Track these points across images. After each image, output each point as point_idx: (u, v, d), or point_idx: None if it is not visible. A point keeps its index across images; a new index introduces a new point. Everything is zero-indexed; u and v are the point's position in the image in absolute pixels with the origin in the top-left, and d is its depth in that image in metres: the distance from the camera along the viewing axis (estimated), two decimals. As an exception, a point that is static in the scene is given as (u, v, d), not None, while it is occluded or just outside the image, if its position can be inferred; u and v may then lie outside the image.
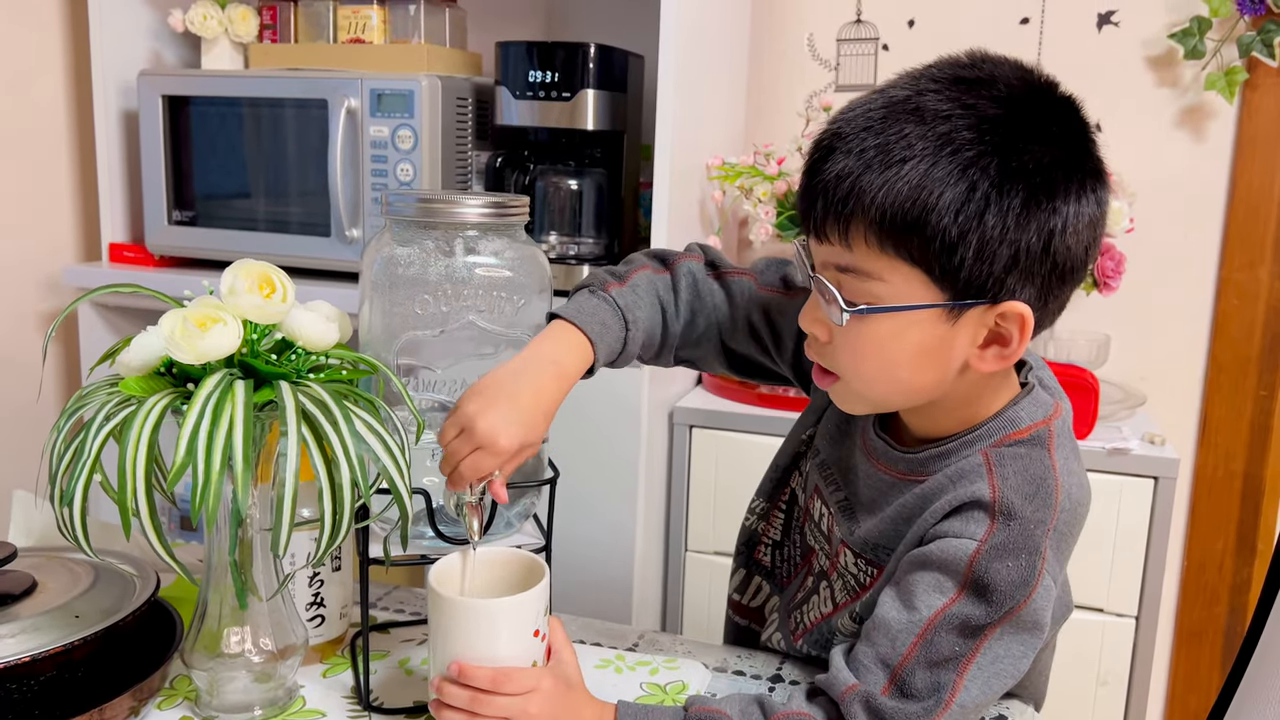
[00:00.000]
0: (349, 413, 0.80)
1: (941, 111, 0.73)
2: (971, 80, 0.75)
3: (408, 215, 0.89)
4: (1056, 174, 0.73)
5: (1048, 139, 0.74)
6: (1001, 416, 0.82)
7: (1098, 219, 0.77)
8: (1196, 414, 1.81)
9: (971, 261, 0.72)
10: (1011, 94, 0.75)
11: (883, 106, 0.75)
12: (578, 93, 1.59)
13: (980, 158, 0.71)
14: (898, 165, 0.72)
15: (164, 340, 0.77)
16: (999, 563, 0.76)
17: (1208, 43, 1.69)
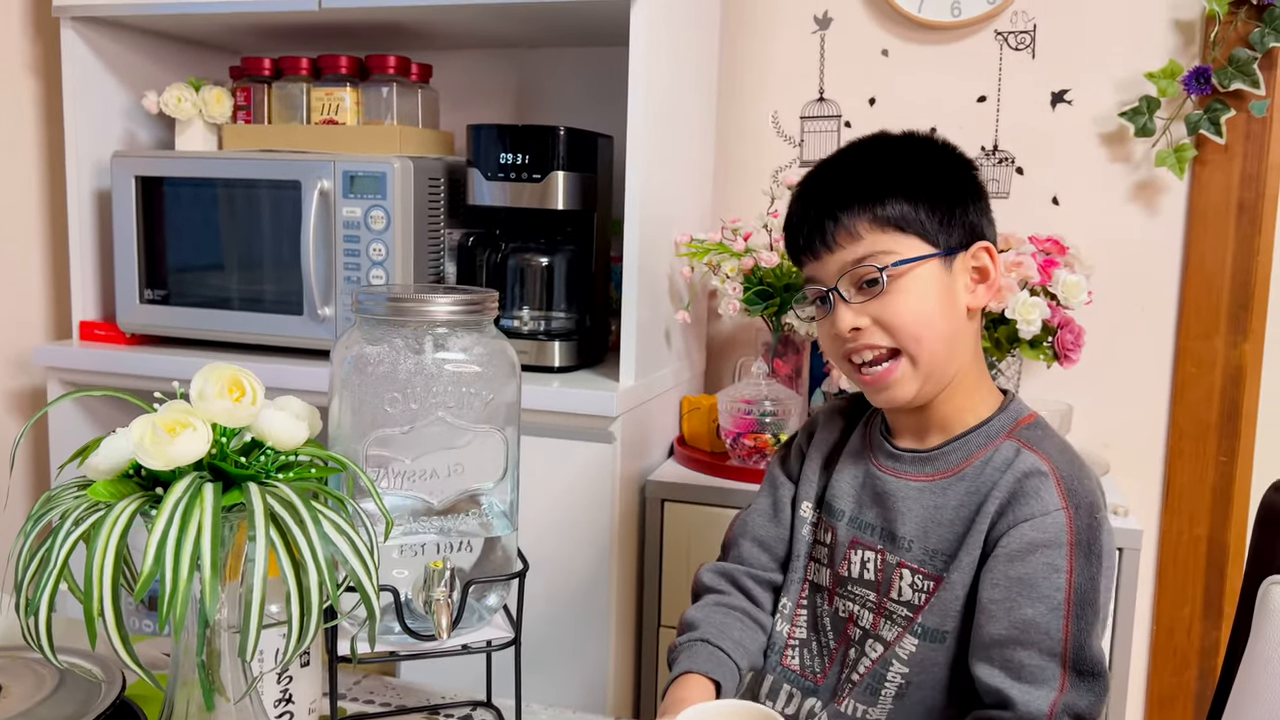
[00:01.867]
0: (317, 514, 0.80)
1: (886, 142, 1.03)
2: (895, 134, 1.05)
3: (378, 314, 0.90)
4: (964, 159, 1.03)
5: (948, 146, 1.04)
6: (1005, 412, 1.00)
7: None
8: (1160, 480, 1.84)
9: (944, 213, 0.96)
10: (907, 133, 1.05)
11: (840, 152, 1.04)
12: (548, 174, 1.62)
13: (926, 152, 1.01)
14: (876, 168, 0.98)
15: (133, 447, 0.78)
16: (1083, 520, 0.91)
17: (1157, 121, 1.75)
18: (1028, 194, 1.86)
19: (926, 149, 1.03)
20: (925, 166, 0.99)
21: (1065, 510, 0.91)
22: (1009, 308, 1.59)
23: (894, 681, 0.95)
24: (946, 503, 0.96)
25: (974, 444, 0.97)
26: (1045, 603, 0.89)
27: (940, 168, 1.00)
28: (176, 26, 1.89)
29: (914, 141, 1.04)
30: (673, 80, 1.67)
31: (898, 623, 0.97)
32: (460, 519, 0.93)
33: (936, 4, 1.85)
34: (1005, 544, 0.90)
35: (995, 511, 0.92)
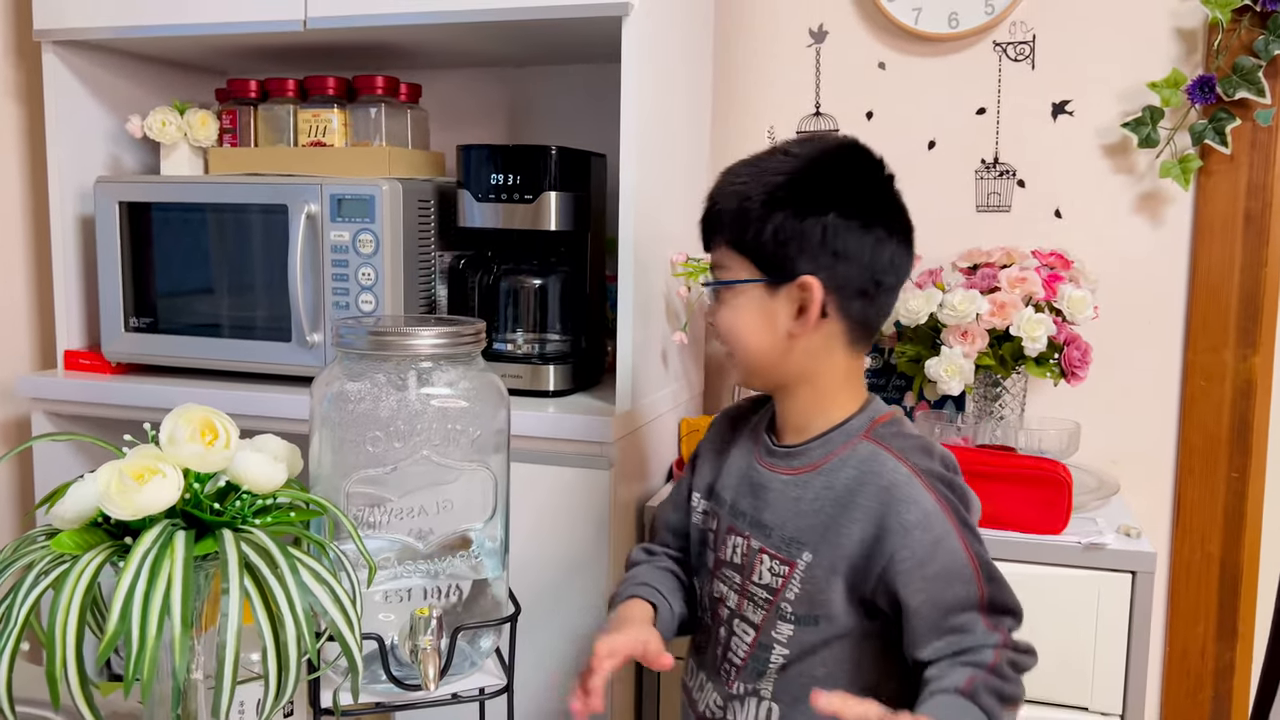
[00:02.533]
0: (295, 562, 0.76)
1: (766, 163, 1.07)
2: (800, 143, 1.10)
3: (359, 348, 0.87)
4: (834, 196, 1.04)
5: (834, 180, 1.06)
6: (863, 412, 1.08)
7: (880, 240, 1.05)
8: (1170, 498, 1.80)
9: (773, 250, 1.03)
10: (819, 151, 1.08)
11: (753, 158, 1.10)
12: (540, 194, 1.59)
13: (780, 184, 1.04)
14: (734, 192, 1.07)
15: (99, 495, 0.74)
16: (952, 499, 1.01)
17: (1161, 131, 1.72)
18: (1029, 207, 1.83)
19: (796, 182, 1.04)
20: (780, 199, 1.04)
21: (937, 500, 1.01)
22: (1013, 324, 1.56)
23: (775, 663, 1.07)
24: (805, 495, 1.05)
25: (835, 442, 1.06)
26: (961, 581, 1.00)
27: (793, 204, 1.03)
28: (160, 49, 1.86)
29: (797, 170, 1.05)
30: (666, 96, 1.63)
31: (760, 605, 1.07)
32: (449, 561, 0.89)
33: (933, 15, 1.81)
34: (909, 554, 0.99)
35: (868, 519, 1.01)
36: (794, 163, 1.06)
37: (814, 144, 1.09)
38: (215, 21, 1.65)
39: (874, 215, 1.06)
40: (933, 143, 1.86)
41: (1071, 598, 1.43)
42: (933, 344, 1.64)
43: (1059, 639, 1.44)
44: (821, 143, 1.11)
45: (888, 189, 1.10)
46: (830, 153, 1.09)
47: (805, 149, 1.08)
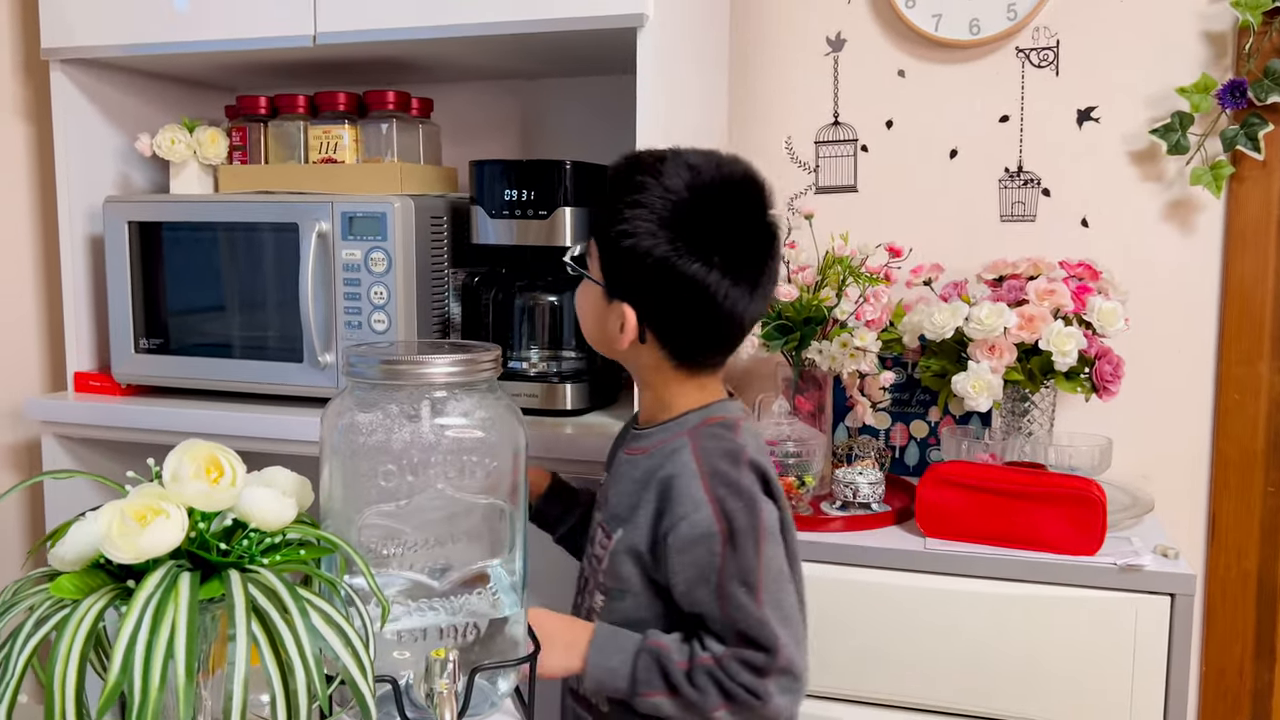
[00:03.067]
0: (304, 604, 0.73)
1: (663, 174, 1.05)
2: (691, 168, 1.07)
3: (370, 377, 0.83)
4: (683, 234, 1.03)
5: (690, 219, 1.04)
6: (701, 410, 1.12)
7: (719, 286, 1.04)
8: (1205, 514, 1.75)
9: (609, 268, 1.07)
10: (693, 183, 1.05)
11: (655, 157, 1.10)
12: (554, 210, 1.56)
13: (646, 204, 1.04)
14: (625, 187, 1.06)
15: (99, 538, 0.70)
16: (733, 507, 1.04)
17: (1191, 137, 1.67)
18: (1055, 216, 1.78)
19: (656, 209, 1.04)
20: (638, 218, 1.04)
21: (712, 504, 1.04)
22: (1042, 338, 1.51)
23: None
24: (632, 474, 1.11)
25: (670, 430, 1.11)
26: (706, 588, 1.03)
27: (643, 231, 1.03)
28: (169, 66, 1.84)
29: (663, 196, 1.04)
30: (682, 108, 1.60)
31: (592, 574, 1.14)
32: (465, 598, 0.86)
33: (954, 22, 1.77)
34: (673, 540, 1.04)
35: (655, 503, 1.06)
36: (669, 185, 1.04)
37: (699, 173, 1.06)
38: (224, 38, 1.62)
39: (719, 260, 1.04)
40: (954, 151, 1.82)
41: (1108, 621, 1.38)
42: (958, 358, 1.59)
43: (1096, 664, 1.39)
44: (705, 173, 1.06)
45: (753, 234, 1.08)
46: (702, 188, 1.05)
47: (688, 177, 1.05)
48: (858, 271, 1.62)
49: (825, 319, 1.62)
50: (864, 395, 1.72)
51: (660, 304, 1.06)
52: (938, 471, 1.47)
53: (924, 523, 1.48)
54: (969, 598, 1.42)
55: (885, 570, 1.46)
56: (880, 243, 1.74)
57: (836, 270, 1.62)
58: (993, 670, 1.43)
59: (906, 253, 1.69)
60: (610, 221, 1.05)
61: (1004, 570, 1.41)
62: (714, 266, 1.03)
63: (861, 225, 1.86)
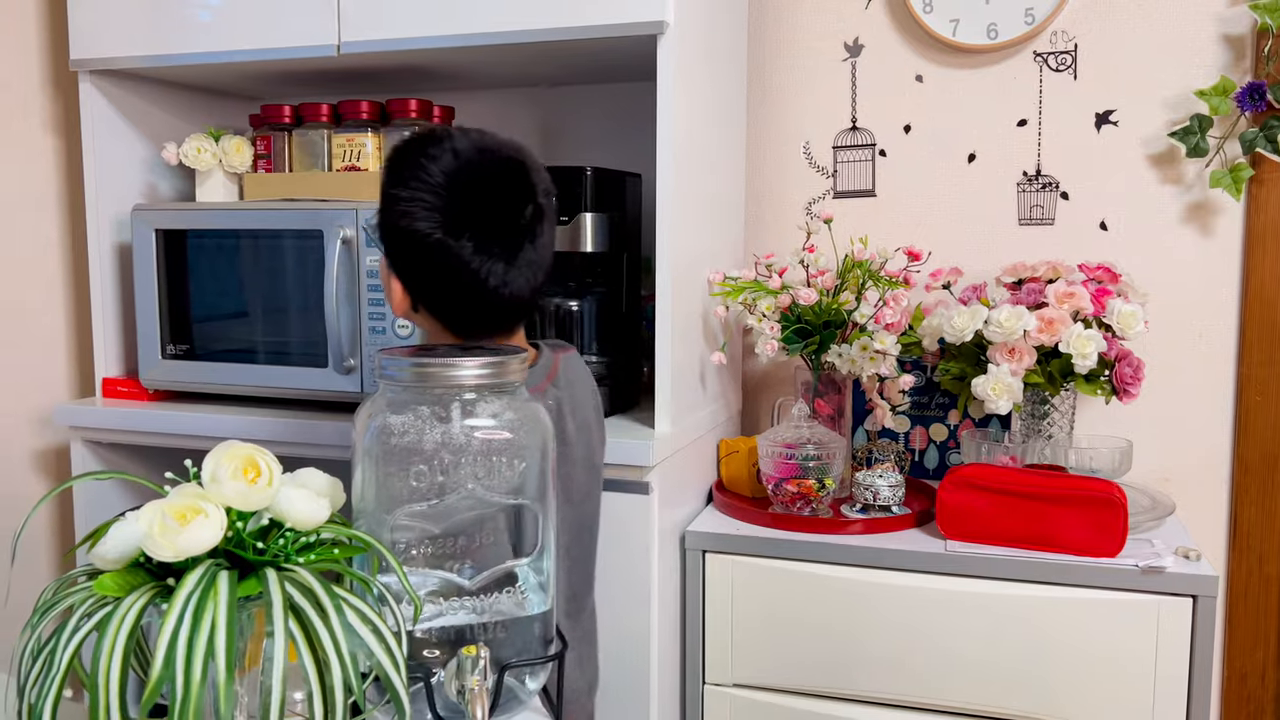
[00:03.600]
0: (340, 602, 0.74)
1: (438, 153, 1.10)
2: (456, 152, 1.11)
3: (401, 380, 0.85)
4: (439, 212, 1.08)
5: (448, 198, 1.08)
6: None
7: (469, 263, 1.08)
8: (1226, 517, 1.75)
9: (383, 240, 1.13)
10: (454, 166, 1.10)
11: (448, 135, 1.13)
12: (576, 216, 1.57)
13: (416, 181, 1.09)
14: (416, 162, 1.10)
15: (141, 537, 0.72)
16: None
17: (1210, 140, 1.67)
18: (1074, 220, 1.79)
19: (424, 188, 1.08)
20: (414, 198, 1.09)
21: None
22: (1062, 341, 1.52)
23: None
24: None
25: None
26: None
27: (413, 210, 1.08)
28: (194, 76, 1.86)
29: (436, 174, 1.09)
30: (701, 114, 1.61)
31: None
32: (494, 597, 0.87)
33: (972, 27, 1.78)
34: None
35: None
36: (429, 165, 1.09)
37: (458, 155, 1.10)
38: (249, 48, 1.65)
39: (471, 235, 1.07)
40: (973, 155, 1.83)
41: (1129, 623, 1.39)
42: (977, 361, 1.60)
43: (1118, 666, 1.40)
44: (464, 154, 1.10)
45: (507, 210, 1.10)
46: (459, 168, 1.09)
47: (448, 159, 1.09)
48: (877, 275, 1.62)
49: (845, 322, 1.63)
50: (883, 398, 1.73)
51: (420, 276, 1.11)
52: (958, 474, 1.48)
53: (945, 525, 1.49)
54: (990, 599, 1.43)
55: (906, 572, 1.47)
56: (899, 246, 1.76)
57: (856, 274, 1.63)
58: (1013, 672, 1.43)
59: (925, 256, 1.69)
60: (380, 197, 1.12)
61: (1025, 572, 1.42)
62: (466, 241, 1.07)
63: (880, 229, 1.88)
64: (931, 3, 1.80)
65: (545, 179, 1.16)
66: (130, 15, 1.70)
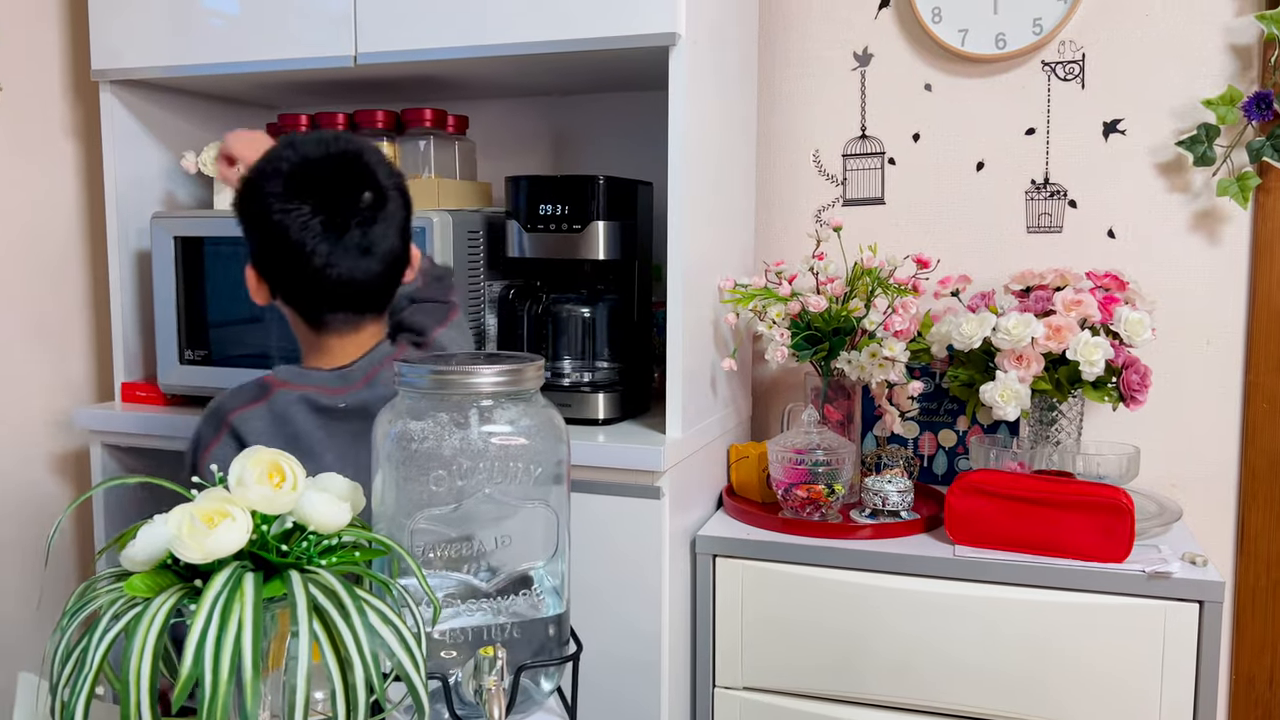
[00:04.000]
0: (361, 603, 0.77)
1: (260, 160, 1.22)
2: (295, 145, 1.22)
3: (420, 387, 0.87)
4: (276, 200, 1.18)
5: (285, 187, 1.18)
6: (289, 365, 1.26)
7: (302, 249, 1.18)
8: (1234, 523, 1.76)
9: (243, 229, 1.24)
10: (293, 152, 1.20)
11: (298, 135, 1.27)
12: (588, 224, 1.59)
13: (242, 188, 1.23)
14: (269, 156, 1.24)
15: (170, 539, 0.74)
16: (205, 423, 1.24)
17: (1217, 149, 1.69)
18: (1082, 228, 1.80)
19: (259, 174, 1.20)
20: (245, 187, 1.20)
21: (201, 420, 1.23)
22: (1070, 348, 1.53)
23: None
24: None
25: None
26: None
27: (255, 202, 1.19)
28: (213, 86, 1.89)
29: (270, 163, 1.20)
30: (713, 123, 1.63)
31: None
32: (510, 600, 0.89)
33: (980, 36, 1.80)
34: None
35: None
36: (272, 159, 1.19)
37: (297, 148, 1.20)
38: (268, 59, 1.67)
39: (299, 217, 1.16)
40: (981, 164, 1.84)
41: (1136, 628, 1.40)
42: (986, 368, 1.62)
43: (1124, 670, 1.41)
44: (301, 148, 1.20)
45: (336, 195, 1.18)
46: (299, 160, 1.19)
47: (289, 153, 1.20)
48: (886, 283, 1.64)
49: (854, 329, 1.65)
50: (892, 405, 1.74)
51: (265, 259, 1.21)
52: (967, 480, 1.49)
53: (953, 530, 1.50)
54: (998, 604, 1.44)
55: (914, 577, 1.48)
56: (908, 254, 1.77)
57: (865, 281, 1.65)
58: (1020, 676, 1.44)
59: (934, 264, 1.71)
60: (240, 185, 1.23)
61: (1032, 577, 1.43)
62: (296, 220, 1.16)
63: (889, 236, 1.89)
64: (940, 13, 1.82)
65: (387, 172, 1.23)
66: (151, 27, 1.73)
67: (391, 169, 1.24)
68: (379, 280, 1.22)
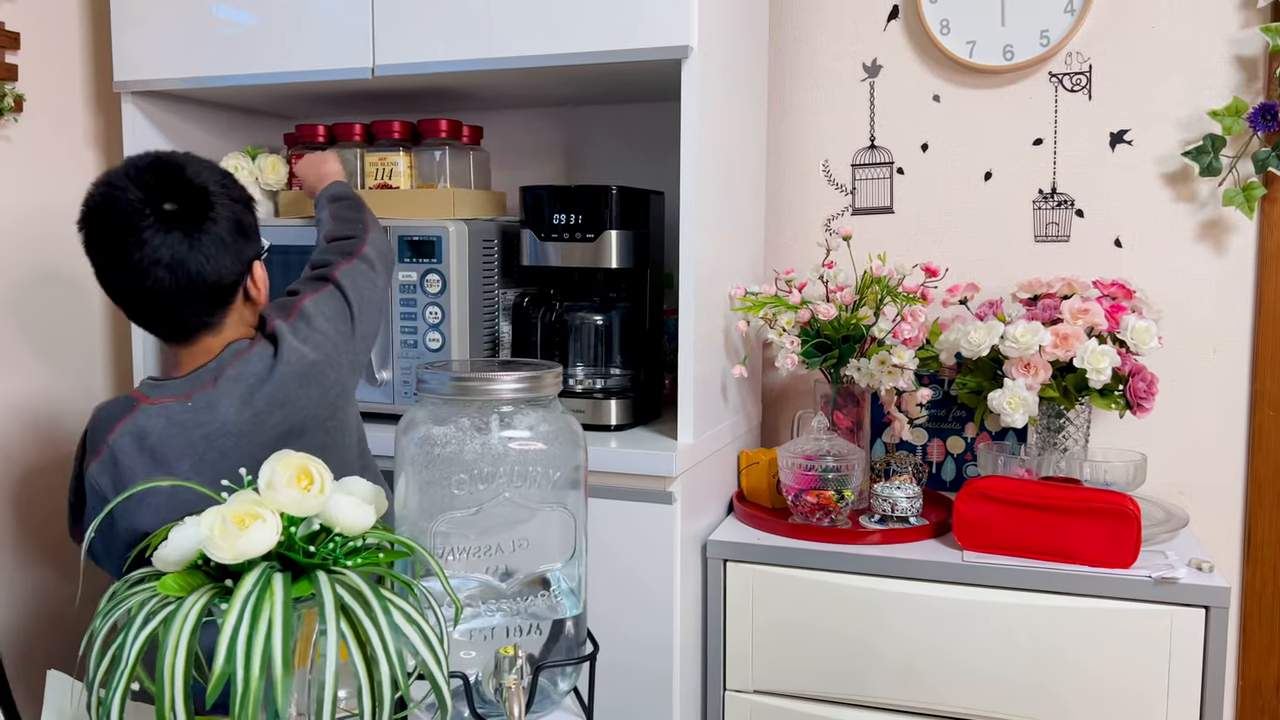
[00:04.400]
0: (387, 603, 0.79)
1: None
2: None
3: (443, 393, 0.89)
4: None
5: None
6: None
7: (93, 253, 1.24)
8: (1240, 530, 1.77)
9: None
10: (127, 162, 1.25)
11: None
12: (601, 233, 1.62)
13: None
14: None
15: (202, 540, 0.77)
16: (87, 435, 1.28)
17: (1223, 159, 1.71)
18: (1089, 237, 1.82)
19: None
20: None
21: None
22: (1077, 356, 1.55)
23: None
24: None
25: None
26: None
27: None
28: (232, 97, 1.92)
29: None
30: (723, 134, 1.66)
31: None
32: (529, 601, 0.91)
33: (988, 48, 1.82)
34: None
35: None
36: (122, 166, 1.24)
37: (130, 161, 1.23)
38: (287, 70, 1.70)
39: (97, 228, 1.21)
40: (989, 173, 1.87)
41: (1143, 633, 1.41)
42: (994, 375, 1.64)
43: (1131, 675, 1.42)
44: (136, 159, 1.23)
45: (141, 204, 1.18)
46: (128, 169, 1.22)
47: (125, 164, 1.24)
48: (895, 291, 1.66)
49: (863, 337, 1.67)
50: (901, 411, 1.76)
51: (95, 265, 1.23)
52: (975, 486, 1.51)
53: (961, 536, 1.52)
54: (1005, 609, 1.46)
55: (923, 582, 1.50)
56: (916, 262, 1.79)
57: (874, 290, 1.67)
58: (1027, 680, 1.46)
59: (943, 272, 1.73)
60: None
61: (1040, 583, 1.45)
62: (94, 230, 1.20)
63: (898, 245, 1.91)
64: (949, 24, 1.84)
65: (201, 188, 1.21)
66: (171, 39, 1.76)
67: (201, 182, 1.22)
68: (194, 294, 1.21)
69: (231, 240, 1.22)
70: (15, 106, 1.76)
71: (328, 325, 1.30)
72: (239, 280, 1.26)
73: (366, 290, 1.37)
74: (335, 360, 1.28)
